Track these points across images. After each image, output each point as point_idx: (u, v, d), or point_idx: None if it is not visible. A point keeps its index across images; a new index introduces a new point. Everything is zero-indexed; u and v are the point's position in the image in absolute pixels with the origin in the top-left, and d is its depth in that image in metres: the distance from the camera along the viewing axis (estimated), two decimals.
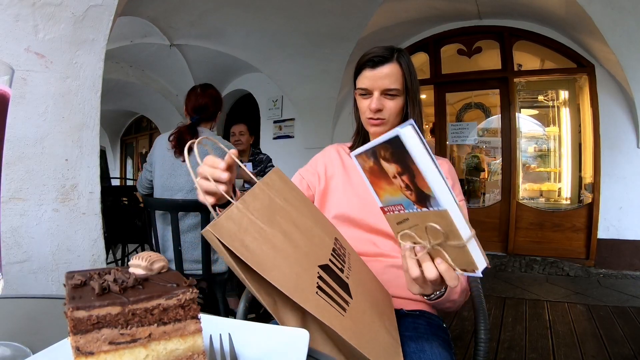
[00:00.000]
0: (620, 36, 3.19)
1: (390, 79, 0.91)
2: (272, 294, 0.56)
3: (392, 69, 0.91)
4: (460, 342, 2.21)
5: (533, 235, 4.14)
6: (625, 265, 3.66)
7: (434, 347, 0.78)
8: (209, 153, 0.68)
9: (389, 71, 0.91)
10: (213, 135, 1.89)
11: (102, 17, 1.42)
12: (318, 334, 0.59)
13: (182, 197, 1.82)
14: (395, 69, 0.91)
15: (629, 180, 3.69)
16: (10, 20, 1.21)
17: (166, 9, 4.00)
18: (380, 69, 0.91)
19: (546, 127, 4.52)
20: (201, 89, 1.97)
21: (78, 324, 0.34)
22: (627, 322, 2.48)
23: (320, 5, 3.83)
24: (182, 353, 0.39)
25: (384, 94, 0.92)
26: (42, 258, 1.30)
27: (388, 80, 0.91)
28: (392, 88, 0.91)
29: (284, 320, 0.57)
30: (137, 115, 8.75)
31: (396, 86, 0.91)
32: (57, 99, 1.33)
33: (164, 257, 0.43)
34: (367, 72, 0.93)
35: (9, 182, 1.24)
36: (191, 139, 1.80)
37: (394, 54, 0.93)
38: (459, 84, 4.58)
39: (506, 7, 3.91)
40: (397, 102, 0.93)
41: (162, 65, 5.49)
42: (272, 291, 0.55)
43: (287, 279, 0.54)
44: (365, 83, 0.93)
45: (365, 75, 0.94)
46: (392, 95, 0.92)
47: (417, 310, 0.91)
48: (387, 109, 0.92)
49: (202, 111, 1.91)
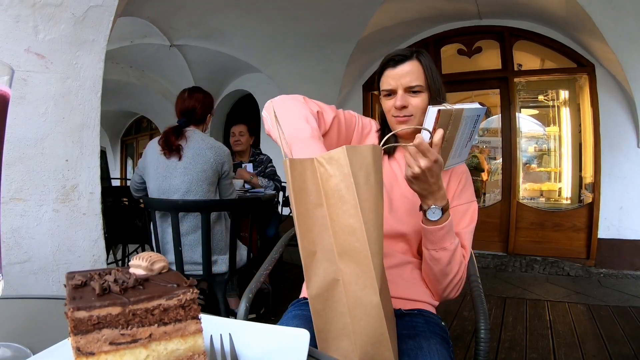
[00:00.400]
0: (620, 36, 3.19)
1: (411, 75, 0.92)
2: (317, 244, 0.60)
3: (413, 67, 0.93)
4: (460, 342, 2.21)
5: (533, 235, 4.14)
6: (626, 265, 3.65)
7: (432, 345, 0.78)
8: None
9: (410, 68, 0.93)
10: (205, 137, 1.90)
11: (102, 17, 1.42)
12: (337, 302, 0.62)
13: (179, 197, 1.82)
14: (416, 66, 0.93)
15: (629, 180, 3.68)
16: (11, 21, 1.21)
17: (166, 10, 4.00)
18: (401, 67, 0.93)
19: (546, 127, 4.52)
20: (189, 92, 1.99)
21: (79, 324, 0.34)
22: (627, 322, 2.48)
23: (320, 5, 3.83)
24: (183, 353, 0.39)
25: (408, 92, 0.94)
26: (42, 258, 1.30)
27: (410, 77, 0.92)
28: (414, 85, 0.93)
29: (311, 275, 0.61)
30: (137, 116, 8.76)
31: (418, 82, 0.93)
32: (57, 99, 1.33)
33: (165, 258, 0.43)
34: (389, 72, 0.95)
35: (10, 183, 1.24)
36: (177, 140, 1.82)
37: (414, 53, 0.95)
38: (459, 84, 4.58)
39: (506, 7, 3.91)
40: (421, 98, 0.94)
41: (162, 66, 5.50)
42: (318, 242, 0.60)
43: (374, 229, 0.59)
44: (388, 83, 0.95)
45: (387, 75, 0.95)
46: (415, 92, 0.93)
47: (415, 310, 0.91)
48: (413, 106, 0.93)
49: (189, 114, 1.93)
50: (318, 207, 0.60)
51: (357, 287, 0.58)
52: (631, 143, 3.65)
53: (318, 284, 0.61)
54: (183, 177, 1.81)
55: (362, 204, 0.58)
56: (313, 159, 0.61)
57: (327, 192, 0.59)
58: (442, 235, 0.83)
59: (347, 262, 0.58)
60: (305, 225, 0.60)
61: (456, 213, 0.95)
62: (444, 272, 0.88)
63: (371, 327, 0.58)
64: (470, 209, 0.97)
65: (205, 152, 1.83)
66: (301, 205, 0.60)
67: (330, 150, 0.61)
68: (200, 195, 1.83)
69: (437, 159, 0.74)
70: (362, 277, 0.58)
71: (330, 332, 0.62)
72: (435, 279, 0.91)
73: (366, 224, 0.58)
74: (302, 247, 0.60)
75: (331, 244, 0.59)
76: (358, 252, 0.58)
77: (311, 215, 0.60)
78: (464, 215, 0.96)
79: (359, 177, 0.58)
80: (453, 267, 0.88)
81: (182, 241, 1.78)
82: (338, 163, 0.59)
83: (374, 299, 0.57)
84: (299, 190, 0.60)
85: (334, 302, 0.60)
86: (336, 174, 0.59)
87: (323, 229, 0.60)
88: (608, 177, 3.77)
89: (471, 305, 0.96)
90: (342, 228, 0.59)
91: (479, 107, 0.84)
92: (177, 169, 1.82)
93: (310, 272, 0.61)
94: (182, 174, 1.81)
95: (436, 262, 0.87)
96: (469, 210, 0.97)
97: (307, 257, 0.60)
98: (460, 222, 0.95)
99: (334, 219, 0.59)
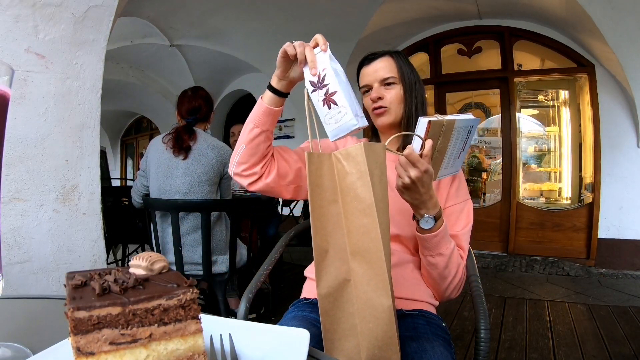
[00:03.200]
0: (620, 36, 3.19)
1: (384, 70, 0.98)
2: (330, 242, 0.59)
3: (386, 62, 0.99)
4: (460, 342, 2.21)
5: (533, 235, 4.14)
6: (626, 265, 3.65)
7: (435, 347, 0.78)
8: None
9: (383, 64, 0.99)
10: (207, 137, 1.90)
11: (102, 17, 1.42)
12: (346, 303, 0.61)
13: (180, 198, 1.82)
14: (388, 61, 0.99)
15: (630, 180, 3.68)
16: (11, 21, 1.21)
17: (166, 10, 4.00)
18: (375, 64, 1.00)
19: (546, 127, 4.52)
20: (192, 91, 1.99)
21: (79, 324, 0.34)
22: (627, 322, 2.48)
23: (320, 5, 3.83)
24: (183, 353, 0.39)
25: (382, 85, 0.98)
26: (42, 258, 1.30)
27: (383, 71, 0.98)
28: (387, 77, 0.98)
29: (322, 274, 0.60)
30: (137, 116, 8.76)
31: (391, 74, 0.98)
32: (57, 99, 1.33)
33: (165, 258, 0.43)
34: (365, 70, 1.01)
35: (10, 183, 1.24)
36: (189, 139, 1.82)
37: (387, 52, 1.01)
38: (459, 83, 4.58)
39: (506, 7, 3.91)
40: (395, 91, 0.98)
41: (162, 66, 5.49)
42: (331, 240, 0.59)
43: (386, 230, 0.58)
44: (364, 79, 1.01)
45: (363, 72, 1.02)
46: (389, 84, 0.98)
47: (416, 310, 0.91)
48: (387, 98, 0.97)
49: (196, 112, 1.93)
50: (333, 203, 0.59)
51: (368, 288, 0.57)
52: (631, 143, 3.65)
53: (329, 282, 0.60)
54: (184, 178, 1.81)
55: (377, 204, 0.57)
56: (331, 154, 0.60)
57: (343, 190, 0.59)
58: (437, 242, 0.84)
59: (360, 262, 0.57)
60: (319, 221, 0.59)
61: (452, 213, 0.95)
62: (442, 276, 0.89)
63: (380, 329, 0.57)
64: (465, 208, 0.98)
65: (208, 153, 1.83)
66: (316, 201, 0.59)
67: (348, 146, 0.61)
68: (201, 196, 1.83)
69: (427, 169, 0.74)
70: (375, 278, 0.57)
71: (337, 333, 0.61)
72: (434, 282, 0.93)
73: (381, 225, 0.57)
74: (315, 244, 0.59)
75: (344, 243, 0.59)
76: (372, 253, 0.57)
77: (325, 212, 0.59)
78: (459, 216, 0.96)
79: (375, 176, 0.58)
80: (451, 270, 0.89)
81: (182, 241, 1.78)
82: (355, 160, 0.58)
83: (386, 302, 0.56)
84: (315, 185, 0.59)
85: (343, 303, 0.59)
86: (353, 172, 0.58)
87: (337, 227, 0.59)
88: (608, 177, 3.77)
89: (471, 305, 0.96)
90: (356, 227, 0.58)
91: (472, 118, 0.84)
92: (179, 169, 1.82)
93: (322, 271, 0.60)
94: (184, 174, 1.81)
95: (434, 267, 0.88)
96: (465, 210, 0.97)
97: (319, 255, 0.59)
98: (457, 223, 0.95)
99: (348, 217, 0.58)
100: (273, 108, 0.86)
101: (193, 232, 1.81)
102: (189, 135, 1.83)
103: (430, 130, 0.74)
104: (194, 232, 1.81)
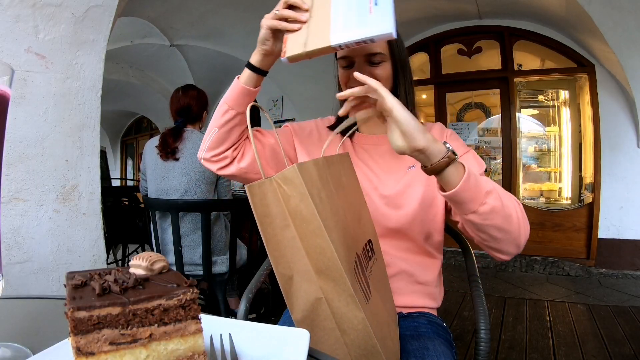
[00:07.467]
0: (620, 36, 3.19)
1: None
2: (293, 268, 0.58)
3: None
4: (460, 342, 2.21)
5: (533, 235, 4.11)
6: (626, 265, 3.65)
7: (437, 345, 0.78)
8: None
9: None
10: (202, 136, 1.89)
11: (103, 17, 1.42)
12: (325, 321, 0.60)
13: (178, 198, 1.82)
14: None
15: (630, 180, 3.68)
16: (11, 21, 1.21)
17: (166, 10, 4.00)
18: None
19: (546, 127, 4.52)
20: (182, 90, 1.96)
21: (79, 324, 0.34)
22: (627, 322, 2.48)
23: None
24: (183, 353, 0.39)
25: (368, 62, 0.82)
26: (42, 258, 1.30)
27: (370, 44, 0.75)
28: (376, 52, 0.81)
29: (292, 300, 0.58)
30: (137, 116, 8.76)
31: (380, 50, 0.81)
32: (57, 99, 1.33)
33: (165, 258, 0.43)
34: None
35: (10, 183, 1.24)
36: (174, 142, 1.81)
37: None
38: (459, 84, 4.58)
39: (506, 7, 3.91)
40: (384, 69, 0.83)
41: (162, 66, 5.49)
42: (293, 266, 0.57)
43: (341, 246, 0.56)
44: (345, 51, 0.81)
45: None
46: (377, 62, 0.82)
47: (416, 312, 0.90)
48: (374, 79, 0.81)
49: (185, 112, 1.91)
50: (285, 228, 0.57)
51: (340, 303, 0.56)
52: (631, 143, 3.65)
53: (301, 307, 0.58)
54: (181, 177, 1.81)
55: (325, 222, 0.54)
56: (272, 179, 0.57)
57: (291, 213, 0.56)
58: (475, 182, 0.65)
59: (326, 280, 0.56)
60: (277, 251, 0.57)
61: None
62: (506, 215, 0.68)
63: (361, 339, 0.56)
64: (470, 155, 0.85)
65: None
66: (268, 231, 0.57)
67: (283, 170, 0.57)
68: (199, 196, 1.83)
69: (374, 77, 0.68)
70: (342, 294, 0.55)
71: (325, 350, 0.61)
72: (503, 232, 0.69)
73: (334, 242, 0.54)
74: (279, 274, 0.58)
75: (307, 264, 0.56)
76: (332, 271, 0.55)
77: (280, 239, 0.57)
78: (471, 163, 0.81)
79: (314, 196, 0.55)
80: (508, 204, 0.69)
81: (182, 242, 1.78)
82: (293, 183, 0.55)
83: (359, 315, 0.55)
84: (263, 216, 0.57)
85: (320, 321, 0.58)
86: (294, 194, 0.55)
87: (295, 250, 0.57)
88: (608, 177, 3.77)
89: (471, 305, 0.96)
90: (312, 248, 0.56)
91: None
92: (175, 169, 1.82)
93: (292, 298, 0.59)
94: (180, 174, 1.81)
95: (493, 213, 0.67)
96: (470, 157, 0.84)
97: (285, 283, 0.58)
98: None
99: (303, 239, 0.56)
100: (251, 88, 0.80)
101: (192, 233, 1.81)
102: (174, 138, 1.82)
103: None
104: (194, 233, 1.81)
